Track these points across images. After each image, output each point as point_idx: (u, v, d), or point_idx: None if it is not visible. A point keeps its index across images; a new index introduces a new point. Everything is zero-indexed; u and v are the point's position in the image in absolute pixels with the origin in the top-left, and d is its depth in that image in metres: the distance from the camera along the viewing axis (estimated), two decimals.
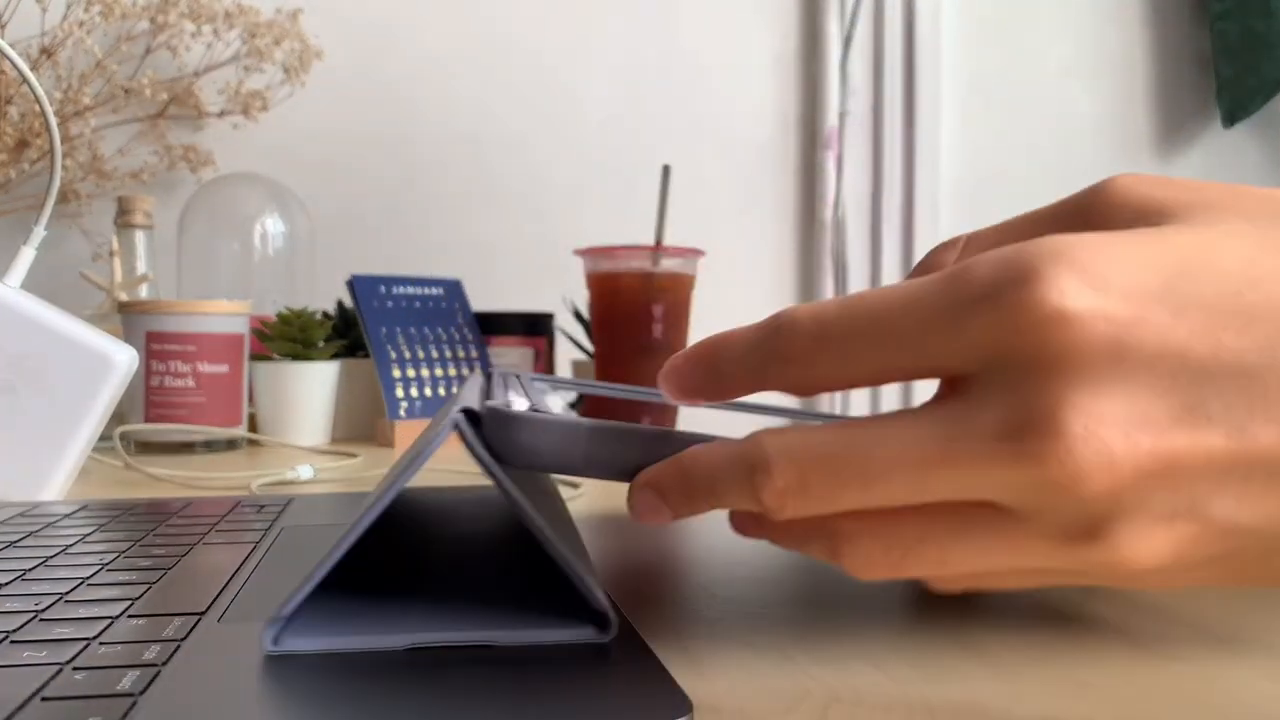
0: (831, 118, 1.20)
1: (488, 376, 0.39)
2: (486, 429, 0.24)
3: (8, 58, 0.53)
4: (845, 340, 0.20)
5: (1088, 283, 0.17)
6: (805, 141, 1.22)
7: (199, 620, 0.26)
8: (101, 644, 0.24)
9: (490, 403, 0.25)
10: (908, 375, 0.20)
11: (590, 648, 0.23)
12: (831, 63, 1.20)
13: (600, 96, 1.18)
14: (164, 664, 0.22)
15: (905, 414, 0.19)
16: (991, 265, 0.18)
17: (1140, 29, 1.28)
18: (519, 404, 0.27)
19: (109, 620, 0.26)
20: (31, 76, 0.54)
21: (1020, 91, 1.26)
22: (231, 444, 0.77)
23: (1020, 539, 0.19)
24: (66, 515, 0.42)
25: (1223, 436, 0.17)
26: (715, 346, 0.24)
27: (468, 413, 0.25)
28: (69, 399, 0.51)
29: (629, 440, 0.25)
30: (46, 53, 0.92)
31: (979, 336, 0.18)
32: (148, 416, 0.74)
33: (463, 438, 0.24)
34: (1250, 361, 0.17)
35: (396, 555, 0.26)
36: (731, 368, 0.23)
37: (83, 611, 0.27)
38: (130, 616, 0.26)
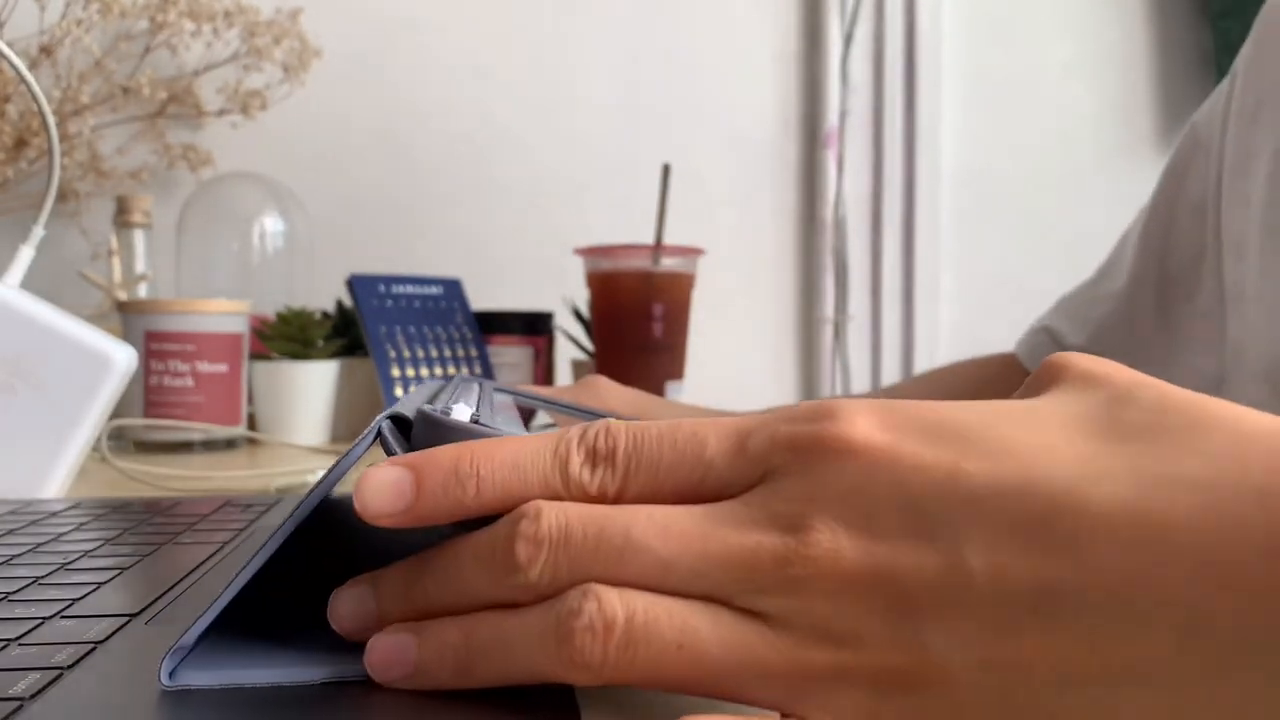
0: (832, 116, 1.19)
1: (447, 380, 0.37)
2: (415, 435, 0.23)
3: (6, 57, 0.53)
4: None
5: (870, 416, 0.19)
6: (806, 140, 1.22)
7: (128, 622, 0.25)
8: (20, 645, 0.24)
9: (425, 407, 0.23)
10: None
11: None
12: (832, 61, 1.19)
13: (600, 95, 1.17)
14: (70, 667, 0.22)
15: (683, 505, 0.19)
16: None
17: (1142, 27, 1.28)
18: (461, 412, 0.24)
19: (39, 621, 0.26)
20: (29, 75, 0.54)
21: (1021, 90, 1.26)
22: (230, 443, 0.77)
23: (755, 634, 0.18)
24: (54, 514, 0.42)
25: (938, 556, 0.17)
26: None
27: (396, 419, 0.23)
28: (68, 398, 0.51)
29: None
30: (45, 51, 0.91)
31: (759, 448, 0.19)
32: (147, 415, 0.74)
33: (384, 444, 0.22)
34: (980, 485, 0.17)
35: (331, 575, 0.24)
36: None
37: (20, 611, 0.26)
38: (63, 617, 0.26)
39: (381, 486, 0.20)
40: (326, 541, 0.23)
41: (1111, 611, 0.16)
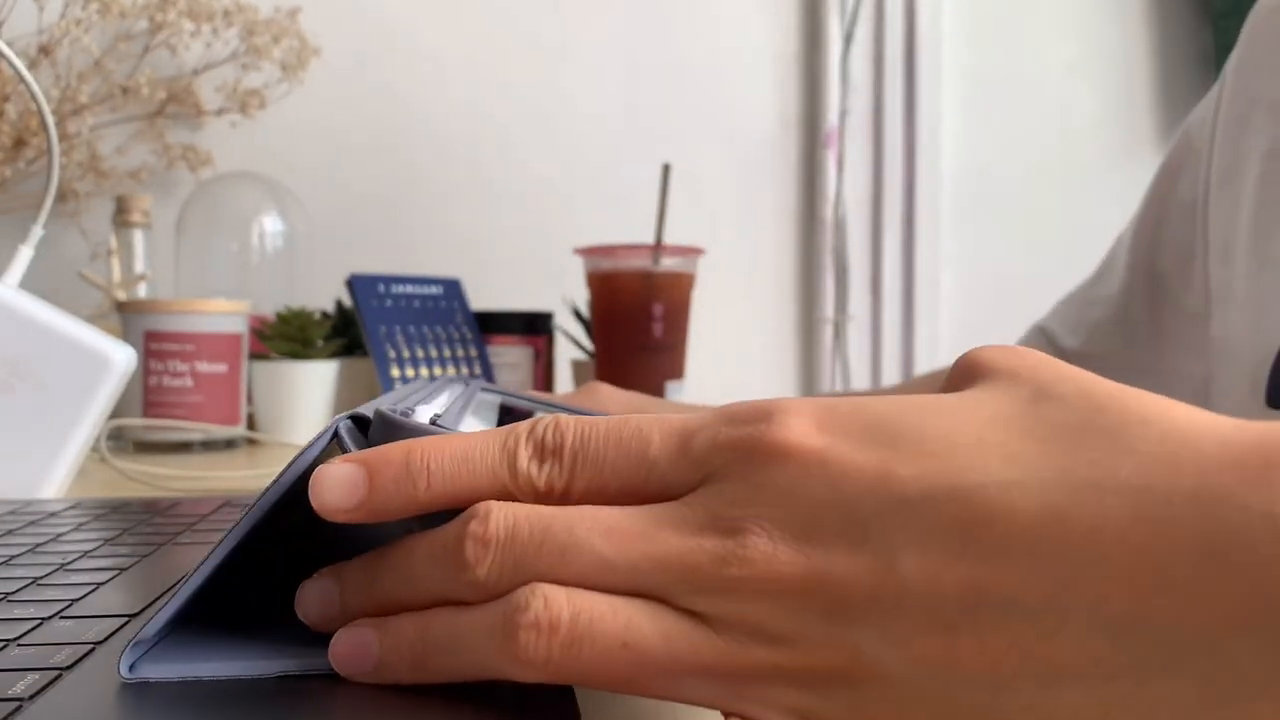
0: (832, 116, 1.19)
1: (434, 380, 0.37)
2: (372, 435, 0.23)
3: (5, 57, 0.52)
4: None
5: (807, 419, 0.19)
6: (806, 140, 1.22)
7: (127, 622, 0.25)
8: (19, 645, 0.23)
9: (383, 408, 0.23)
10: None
11: None
12: (832, 61, 1.19)
13: (600, 95, 1.17)
14: (69, 667, 0.22)
15: (628, 506, 0.20)
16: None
17: (1142, 27, 1.28)
18: (423, 414, 0.24)
19: (38, 621, 0.25)
20: (28, 75, 0.53)
21: (1022, 90, 1.26)
22: (230, 443, 0.76)
23: (696, 630, 0.18)
24: (53, 514, 0.42)
25: (871, 560, 0.17)
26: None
27: (356, 418, 0.23)
28: (67, 398, 0.51)
29: None
30: (44, 51, 0.91)
31: (701, 449, 0.19)
32: (146, 416, 0.73)
33: (340, 444, 0.22)
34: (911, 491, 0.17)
35: (298, 569, 0.23)
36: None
37: (18, 612, 0.26)
38: (62, 618, 0.26)
39: (335, 483, 0.21)
40: (301, 531, 0.23)
41: (1043, 616, 0.16)
